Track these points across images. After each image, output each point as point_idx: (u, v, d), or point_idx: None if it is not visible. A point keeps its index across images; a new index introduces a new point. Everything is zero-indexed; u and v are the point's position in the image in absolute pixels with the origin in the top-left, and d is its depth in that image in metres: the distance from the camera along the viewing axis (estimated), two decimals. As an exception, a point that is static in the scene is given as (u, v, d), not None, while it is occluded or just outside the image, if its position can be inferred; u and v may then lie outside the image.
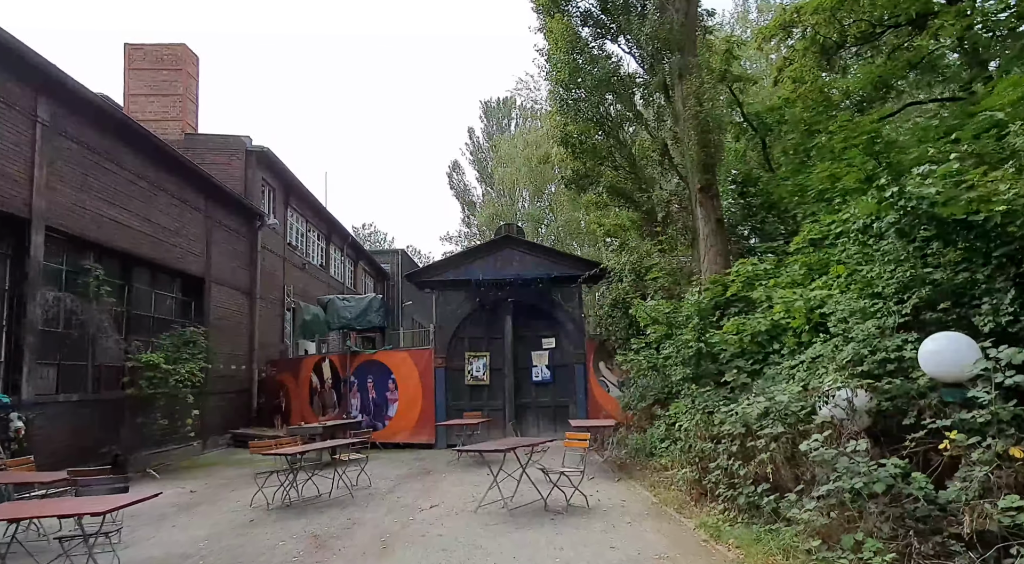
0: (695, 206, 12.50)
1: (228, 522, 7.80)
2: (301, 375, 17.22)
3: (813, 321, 6.87)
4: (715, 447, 6.99)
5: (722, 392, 7.58)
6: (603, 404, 14.61)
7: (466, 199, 52.19)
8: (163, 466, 13.10)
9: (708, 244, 12.22)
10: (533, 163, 33.08)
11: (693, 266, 12.82)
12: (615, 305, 13.24)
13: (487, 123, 51.95)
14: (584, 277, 14.49)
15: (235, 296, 17.95)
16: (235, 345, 17.89)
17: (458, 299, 15.24)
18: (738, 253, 12.27)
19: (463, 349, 15.31)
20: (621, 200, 13.86)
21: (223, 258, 17.21)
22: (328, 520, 7.66)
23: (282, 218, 21.99)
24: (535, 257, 15.26)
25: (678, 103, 12.52)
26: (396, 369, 15.28)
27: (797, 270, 8.40)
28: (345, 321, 15.72)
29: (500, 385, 15.16)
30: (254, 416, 18.56)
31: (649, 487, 8.83)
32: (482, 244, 16.52)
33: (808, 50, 15.46)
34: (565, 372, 15.11)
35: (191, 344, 13.38)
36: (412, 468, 11.83)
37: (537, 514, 7.45)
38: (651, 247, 13.13)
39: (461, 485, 9.69)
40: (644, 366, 11.44)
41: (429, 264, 15.22)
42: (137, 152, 13.31)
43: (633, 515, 7.26)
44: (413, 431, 14.90)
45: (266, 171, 20.67)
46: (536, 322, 15.35)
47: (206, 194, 16.33)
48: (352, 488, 9.60)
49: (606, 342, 14.51)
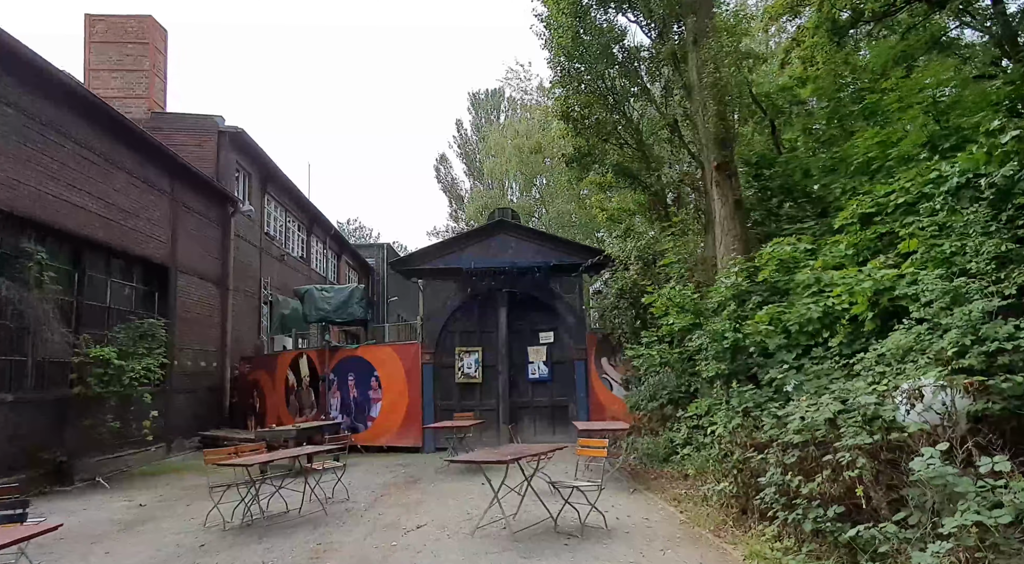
0: (710, 186, 11.32)
1: (173, 548, 6.48)
2: (277, 373, 15.86)
3: (881, 305, 5.69)
4: (762, 457, 5.79)
5: (766, 392, 6.36)
6: (606, 404, 13.40)
7: (454, 193, 50.90)
8: (117, 473, 11.72)
9: (725, 228, 11.04)
10: (524, 153, 31.81)
11: (706, 252, 11.66)
12: (621, 295, 12.03)
13: (475, 115, 50.66)
14: (586, 265, 13.26)
15: (205, 287, 16.56)
16: (205, 340, 16.50)
17: (448, 289, 13.96)
18: (756, 239, 11.09)
19: (453, 344, 14.03)
20: (627, 181, 12.67)
21: (192, 245, 15.81)
22: (293, 545, 6.36)
23: (259, 206, 20.57)
24: (532, 243, 14.01)
25: (692, 72, 11.32)
26: (380, 366, 13.98)
27: (842, 250, 7.22)
28: (324, 313, 14.37)
29: (493, 383, 13.91)
30: (227, 416, 17.21)
31: (672, 501, 7.62)
32: (474, 229, 15.23)
33: (820, 27, 14.40)
34: (564, 369, 13.89)
35: (149, 337, 11.99)
36: (396, 476, 10.55)
37: (547, 537, 6.21)
38: (660, 232, 11.93)
39: (453, 498, 8.43)
40: (656, 362, 10.25)
41: (416, 251, 13.90)
42: (89, 123, 11.90)
43: (663, 540, 6.04)
44: (398, 433, 13.61)
45: (241, 154, 19.25)
46: (533, 314, 14.11)
47: (172, 175, 14.93)
48: (327, 502, 8.31)
49: (609, 336, 13.30)
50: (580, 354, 13.68)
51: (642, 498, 7.98)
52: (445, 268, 13.85)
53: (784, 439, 5.40)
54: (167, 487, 10.32)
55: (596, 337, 13.68)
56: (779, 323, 7.10)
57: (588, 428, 9.11)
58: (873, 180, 8.36)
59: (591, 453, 7.00)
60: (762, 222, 12.71)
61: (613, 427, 9.34)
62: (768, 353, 7.03)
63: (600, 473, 7.71)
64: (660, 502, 7.67)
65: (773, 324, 7.14)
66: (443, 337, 13.96)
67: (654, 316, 11.78)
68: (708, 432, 8.40)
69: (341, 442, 8.86)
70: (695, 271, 11.08)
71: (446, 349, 13.98)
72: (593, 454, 6.91)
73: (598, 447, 6.74)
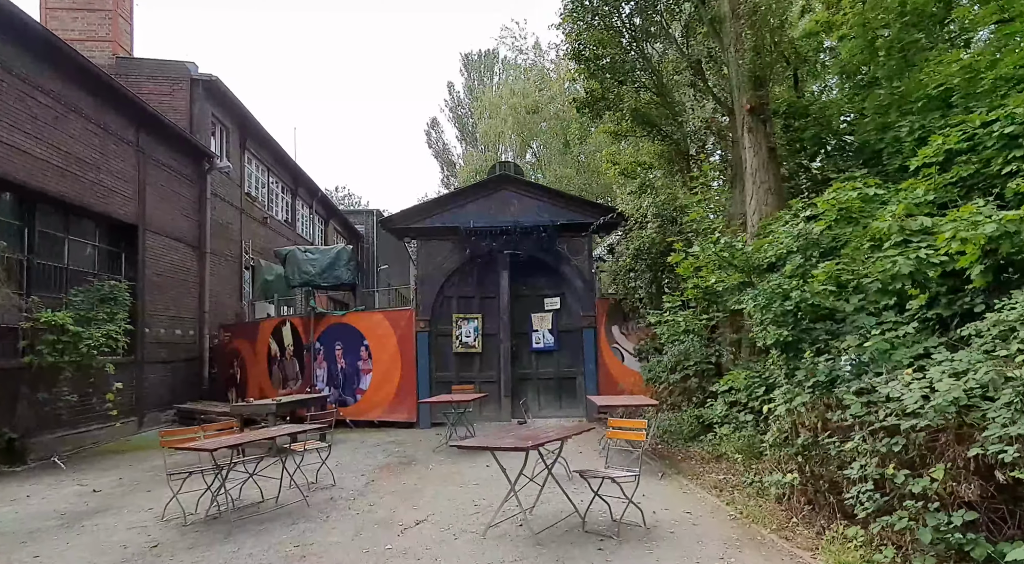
0: (741, 132, 10.06)
1: (118, 550, 5.32)
2: (258, 341, 14.65)
3: (1002, 253, 4.53)
4: (842, 443, 4.67)
5: (841, 363, 5.20)
6: (617, 376, 12.31)
7: (445, 158, 49.22)
8: (79, 451, 10.55)
9: (757, 180, 9.82)
10: (520, 114, 30.23)
11: (733, 209, 10.45)
12: (638, 256, 10.84)
13: (468, 77, 48.65)
14: (598, 224, 12.01)
15: (179, 249, 15.20)
16: (181, 307, 15.22)
17: (444, 250, 12.69)
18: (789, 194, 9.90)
19: (450, 310, 12.83)
20: (645, 129, 11.37)
21: (163, 203, 14.41)
22: (266, 547, 5.22)
23: (238, 164, 19.08)
24: (538, 200, 12.72)
25: (724, 2, 9.98)
26: (370, 334, 12.78)
27: (920, 195, 6.02)
28: (308, 277, 13.10)
29: (494, 353, 12.76)
30: (206, 388, 16.04)
31: (713, 490, 6.52)
32: (474, 184, 13.89)
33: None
34: (572, 338, 12.74)
35: (111, 301, 10.69)
36: (389, 456, 9.44)
37: (575, 540, 5.09)
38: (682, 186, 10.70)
39: (455, 484, 7.31)
40: (681, 329, 9.12)
41: (410, 207, 12.63)
42: (34, 58, 10.41)
43: (718, 543, 4.94)
44: (390, 407, 12.49)
45: (216, 106, 17.70)
46: (538, 278, 12.90)
47: (138, 124, 13.45)
48: (309, 488, 7.18)
49: (622, 302, 12.15)
50: (589, 322, 12.52)
51: (675, 485, 6.88)
52: (441, 227, 12.57)
53: (881, 422, 4.28)
54: (129, 468, 9.15)
55: (607, 303, 12.53)
56: (850, 281, 5.94)
57: (609, 403, 7.96)
58: (947, 116, 7.15)
59: (627, 436, 5.86)
60: (790, 177, 11.52)
61: (636, 402, 8.20)
62: (830, 316, 5.88)
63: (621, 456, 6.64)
64: (698, 491, 6.57)
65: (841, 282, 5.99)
66: (439, 303, 12.75)
67: (676, 278, 10.65)
68: (749, 409, 7.33)
69: (326, 419, 7.68)
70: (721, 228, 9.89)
71: (442, 316, 12.79)
72: (630, 438, 5.77)
73: (635, 430, 5.58)
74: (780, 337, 5.66)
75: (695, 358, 8.93)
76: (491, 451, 5.07)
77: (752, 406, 7.36)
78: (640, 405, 8.19)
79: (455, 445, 5.14)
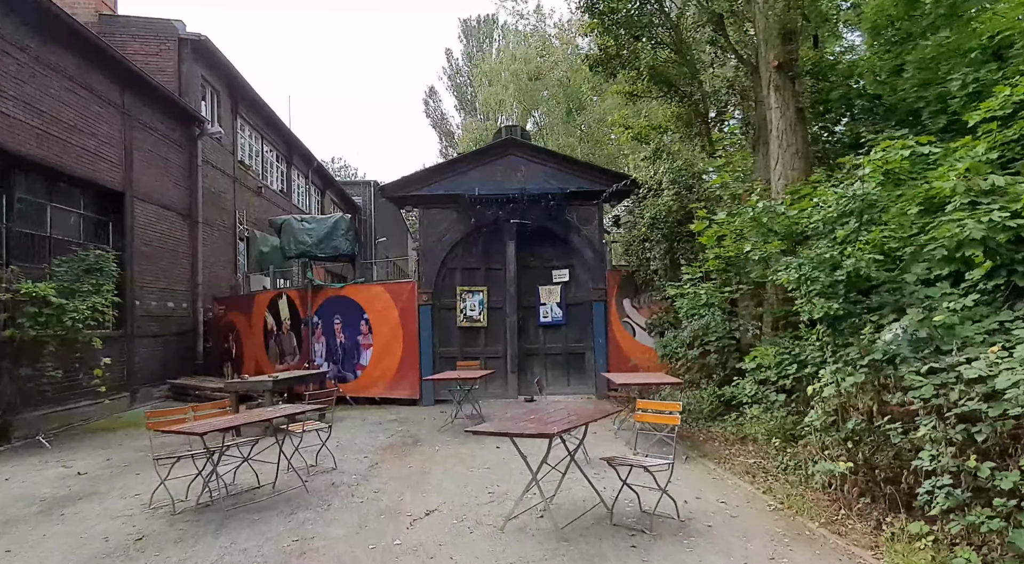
0: (767, 91, 9.41)
1: (99, 544, 4.83)
2: (254, 315, 14.10)
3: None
4: (904, 430, 4.16)
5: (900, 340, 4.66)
6: (628, 351, 11.81)
7: (443, 128, 48.15)
8: (67, 429, 10.07)
9: (783, 143, 9.21)
10: (522, 80, 29.28)
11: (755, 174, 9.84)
12: (654, 225, 10.24)
13: (467, 44, 47.33)
14: (611, 191, 11.38)
15: (169, 218, 14.56)
16: (172, 278, 14.64)
17: (448, 219, 12.08)
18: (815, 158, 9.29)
19: (454, 282, 12.27)
20: (663, 89, 10.68)
21: (151, 170, 13.73)
22: (261, 541, 4.73)
23: (229, 129, 18.31)
24: (546, 166, 12.06)
25: (751, -51, 9.25)
26: (369, 307, 12.23)
27: (981, 153, 5.43)
28: (305, 247, 12.49)
29: (500, 327, 12.23)
30: (200, 363, 15.54)
31: (744, 475, 6.04)
32: (478, 149, 13.19)
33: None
34: (581, 311, 12.21)
35: (97, 272, 10.10)
36: (392, 435, 8.96)
37: (604, 535, 4.60)
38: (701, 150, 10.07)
39: (465, 467, 6.84)
40: (702, 302, 8.58)
41: (411, 174, 11.97)
42: (10, 12, 9.67)
43: (763, 538, 4.46)
44: (391, 383, 12.00)
45: (206, 68, 16.88)
46: (546, 249, 12.31)
47: (124, 85, 12.71)
48: (308, 472, 6.70)
49: (635, 274, 11.59)
50: (599, 294, 11.98)
51: (703, 469, 6.40)
52: (444, 195, 11.93)
53: (959, 406, 3.76)
54: (119, 448, 8.66)
55: (618, 275, 11.97)
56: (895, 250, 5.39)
57: (628, 382, 7.44)
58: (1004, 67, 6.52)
59: (660, 420, 5.32)
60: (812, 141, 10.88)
61: (658, 380, 7.66)
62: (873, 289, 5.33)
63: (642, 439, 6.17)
64: (728, 476, 6.09)
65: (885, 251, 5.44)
66: (442, 275, 12.18)
67: (693, 249, 10.09)
68: (779, 387, 6.84)
69: (325, 398, 7.16)
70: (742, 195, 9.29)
71: (446, 288, 12.24)
72: (664, 421, 5.24)
73: (668, 412, 5.06)
74: (829, 310, 5.11)
75: (717, 333, 8.40)
76: (511, 438, 4.55)
77: (783, 384, 6.88)
78: (663, 383, 7.67)
79: (471, 430, 4.57)
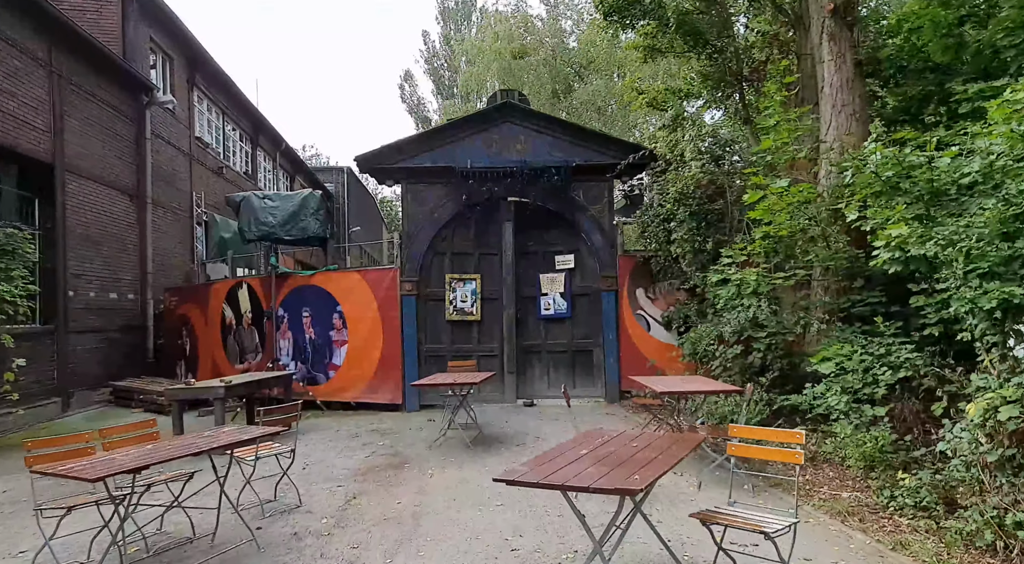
0: (819, 40, 7.96)
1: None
2: (210, 307, 12.29)
3: None
4: None
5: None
6: (643, 348, 10.32)
7: (420, 114, 46.28)
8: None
9: (837, 102, 7.79)
10: (505, 59, 27.53)
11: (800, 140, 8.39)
12: (681, 200, 8.74)
13: (444, 26, 45.67)
14: (627, 163, 9.83)
15: (113, 197, 12.69)
16: (117, 266, 12.79)
17: (436, 196, 10.42)
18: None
19: (443, 270, 10.62)
20: (689, 42, 9.18)
21: (89, 141, 11.86)
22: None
23: (185, 102, 16.38)
24: (548, 135, 10.45)
25: None
26: (344, 298, 10.54)
27: None
28: (268, 229, 10.73)
29: (495, 321, 10.63)
30: (151, 361, 13.71)
31: (849, 518, 4.54)
32: (471, 115, 11.52)
33: None
34: (588, 303, 10.66)
35: (7, 254, 8.25)
36: (373, 453, 7.32)
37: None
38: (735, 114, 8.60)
39: (471, 504, 5.25)
40: (750, 290, 7.10)
41: (393, 143, 10.30)
42: None
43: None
44: (369, 386, 10.34)
45: (158, 30, 14.94)
46: (548, 231, 10.73)
47: (52, 40, 10.82)
48: (263, 511, 5.06)
49: (651, 260, 10.09)
50: (609, 283, 10.45)
51: (778, 502, 4.88)
52: (432, 167, 10.26)
53: None
54: (24, 473, 6.87)
55: (631, 261, 10.45)
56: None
57: (673, 390, 5.88)
58: None
59: (767, 454, 3.77)
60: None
61: (712, 388, 6.12)
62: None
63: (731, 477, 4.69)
64: (829, 520, 4.56)
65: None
66: (430, 260, 10.53)
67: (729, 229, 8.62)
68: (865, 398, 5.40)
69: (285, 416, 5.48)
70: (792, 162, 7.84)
71: (433, 276, 10.59)
72: (773, 457, 3.71)
73: (785, 446, 3.52)
74: (1007, 296, 3.62)
75: (769, 328, 6.93)
76: (563, 491, 2.96)
77: (872, 394, 5.44)
78: (719, 391, 6.15)
79: (501, 479, 2.96)
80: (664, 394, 5.87)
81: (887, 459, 4.91)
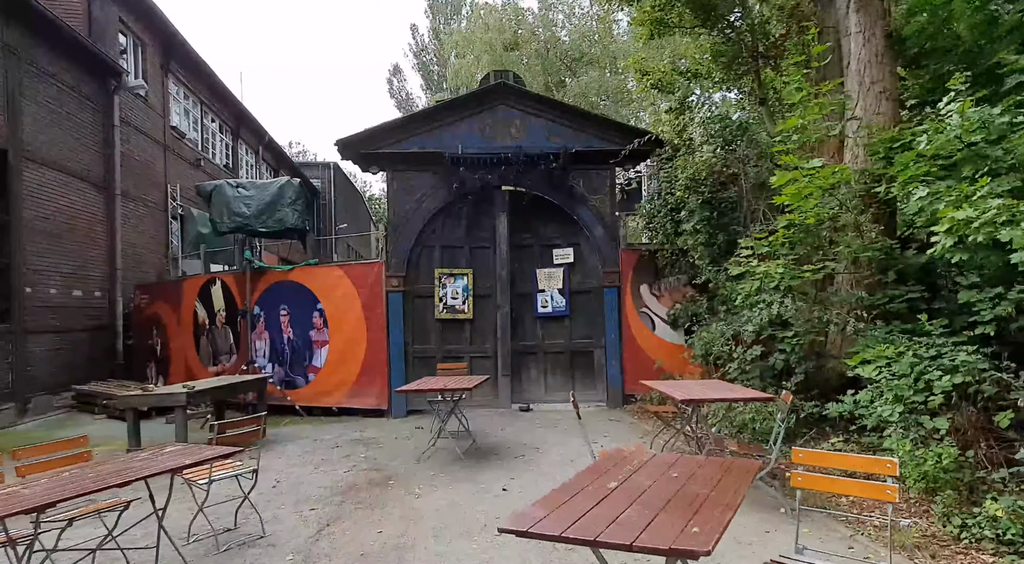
0: (846, 11, 7.27)
1: None
2: (183, 306, 11.45)
3: None
4: None
5: None
6: (647, 349, 9.59)
7: (409, 109, 45.65)
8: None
9: (865, 79, 7.09)
10: (497, 50, 26.77)
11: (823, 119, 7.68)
12: (692, 187, 8.02)
13: (433, 19, 44.91)
14: (632, 149, 9.08)
15: (77, 187, 11.82)
16: (82, 261, 11.93)
17: (424, 185, 9.64)
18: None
19: (432, 264, 9.84)
20: (700, 16, 8.46)
21: (50, 128, 10.99)
22: None
23: (158, 88, 15.46)
24: (545, 119, 9.70)
25: None
26: (325, 295, 9.73)
27: None
28: (242, 220, 9.90)
29: (489, 320, 9.87)
30: (121, 363, 12.82)
31: (919, 554, 3.83)
32: (463, 96, 10.70)
33: None
34: (588, 300, 9.91)
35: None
36: (354, 467, 6.53)
37: None
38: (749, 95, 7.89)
39: (465, 534, 4.48)
40: (775, 284, 6.37)
41: (378, 126, 9.50)
42: None
43: None
44: (352, 390, 9.55)
45: (128, 12, 14.04)
46: (545, 223, 9.97)
47: (6, 15, 9.95)
48: (218, 545, 4.27)
49: (657, 253, 9.37)
50: (611, 279, 9.71)
51: (837, 539, 4.15)
52: (421, 152, 9.47)
53: None
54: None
55: (635, 255, 9.72)
56: None
57: (694, 397, 5.13)
58: None
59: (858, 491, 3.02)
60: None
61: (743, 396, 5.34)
62: None
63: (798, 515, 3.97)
64: (877, 548, 3.83)
65: None
66: (417, 254, 9.75)
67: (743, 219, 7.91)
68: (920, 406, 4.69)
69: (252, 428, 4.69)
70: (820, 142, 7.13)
71: (422, 271, 9.81)
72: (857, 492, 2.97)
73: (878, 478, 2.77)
74: None
75: (798, 326, 6.20)
76: (594, 548, 2.18)
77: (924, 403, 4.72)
78: (750, 399, 5.40)
79: (509, 530, 2.17)
80: (686, 402, 5.11)
81: (951, 480, 4.20)
